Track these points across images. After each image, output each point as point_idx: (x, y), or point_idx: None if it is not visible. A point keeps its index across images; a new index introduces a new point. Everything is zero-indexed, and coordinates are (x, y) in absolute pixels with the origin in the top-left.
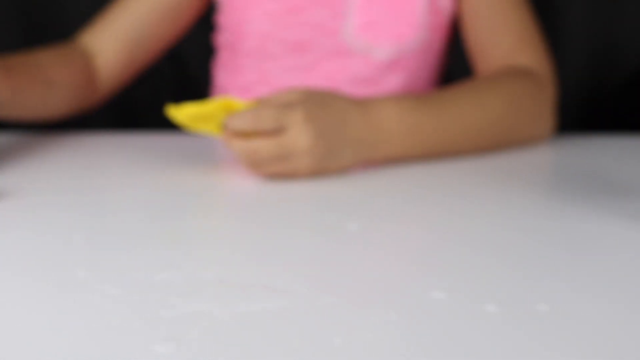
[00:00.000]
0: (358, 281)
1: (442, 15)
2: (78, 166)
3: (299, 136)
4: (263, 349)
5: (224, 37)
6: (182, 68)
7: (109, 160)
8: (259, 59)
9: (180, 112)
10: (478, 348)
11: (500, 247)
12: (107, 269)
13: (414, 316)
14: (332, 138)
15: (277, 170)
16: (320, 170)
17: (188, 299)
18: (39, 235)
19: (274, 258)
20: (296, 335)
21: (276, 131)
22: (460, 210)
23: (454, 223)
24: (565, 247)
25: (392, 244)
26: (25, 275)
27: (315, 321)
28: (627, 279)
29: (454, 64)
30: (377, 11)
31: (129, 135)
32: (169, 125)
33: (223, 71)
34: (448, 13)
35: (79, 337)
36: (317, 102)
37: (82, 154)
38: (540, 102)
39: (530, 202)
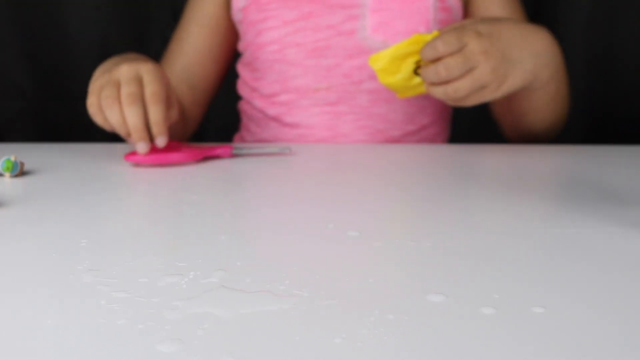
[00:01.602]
0: (357, 284)
1: (451, 12)
2: (84, 174)
3: (476, 45)
4: (265, 348)
5: (245, 57)
6: None
7: (113, 169)
8: (279, 66)
9: (380, 59)
10: (474, 350)
11: (498, 252)
12: (112, 274)
13: (411, 318)
14: (508, 46)
15: (469, 85)
16: (501, 74)
17: (192, 301)
18: (47, 240)
19: (276, 262)
20: (297, 336)
21: (460, 49)
22: (458, 216)
23: (452, 228)
24: (563, 252)
25: (390, 248)
26: (33, 279)
27: (315, 322)
28: (624, 284)
29: None
30: (389, 10)
31: (132, 146)
32: (171, 137)
33: (246, 87)
34: (457, 10)
35: (86, 339)
36: (487, 21)
37: (87, 163)
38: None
39: (530, 209)
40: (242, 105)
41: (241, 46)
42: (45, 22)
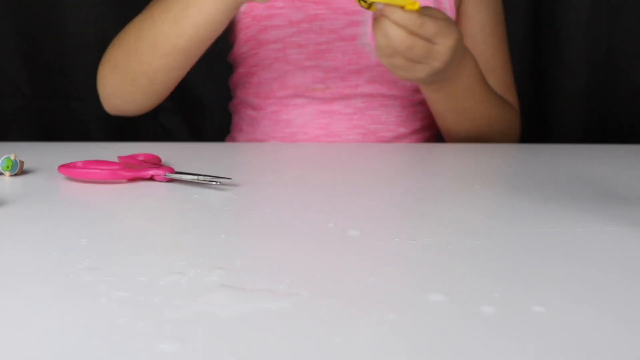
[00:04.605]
0: (357, 284)
1: None
2: None
3: (442, 54)
4: (265, 347)
5: (241, 51)
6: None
7: None
8: (279, 65)
9: None
10: (474, 349)
11: (498, 250)
12: (112, 273)
13: (412, 317)
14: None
15: (401, 65)
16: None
17: (192, 300)
18: (47, 239)
19: (276, 261)
20: (297, 334)
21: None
22: (458, 215)
23: (451, 227)
24: (563, 251)
25: (391, 247)
26: (33, 278)
27: (315, 321)
28: (624, 284)
29: None
30: None
31: (131, 145)
32: (169, 137)
33: (241, 83)
34: (452, 17)
35: (86, 338)
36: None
37: None
38: (514, 133)
39: (529, 207)
40: (235, 105)
41: (240, 39)
42: (43, 20)
